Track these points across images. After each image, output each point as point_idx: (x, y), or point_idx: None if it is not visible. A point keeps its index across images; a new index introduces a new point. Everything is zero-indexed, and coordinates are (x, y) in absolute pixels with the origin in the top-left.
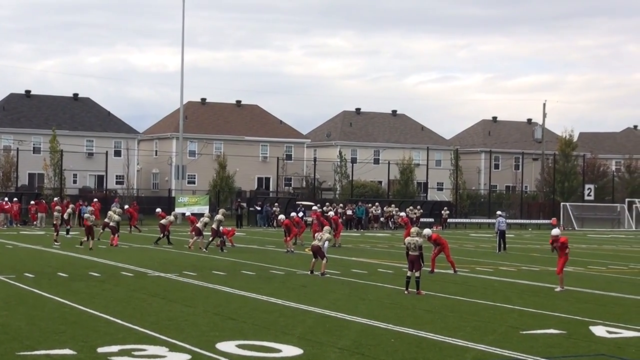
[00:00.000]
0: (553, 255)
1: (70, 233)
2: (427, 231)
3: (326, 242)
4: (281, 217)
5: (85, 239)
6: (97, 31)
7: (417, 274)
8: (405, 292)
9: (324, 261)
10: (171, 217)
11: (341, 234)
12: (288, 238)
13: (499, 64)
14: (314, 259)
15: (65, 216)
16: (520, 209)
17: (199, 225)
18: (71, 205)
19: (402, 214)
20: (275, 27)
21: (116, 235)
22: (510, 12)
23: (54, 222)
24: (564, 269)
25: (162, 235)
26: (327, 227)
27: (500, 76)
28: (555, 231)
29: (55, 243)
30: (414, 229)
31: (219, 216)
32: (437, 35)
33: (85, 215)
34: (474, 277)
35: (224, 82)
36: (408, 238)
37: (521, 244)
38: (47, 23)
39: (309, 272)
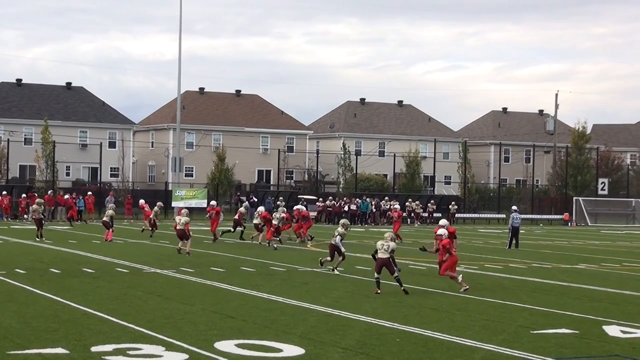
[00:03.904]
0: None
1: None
2: (442, 232)
3: (338, 237)
4: (260, 209)
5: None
6: (90, 17)
7: (395, 275)
8: (378, 291)
9: (341, 258)
10: (156, 209)
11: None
12: (267, 232)
13: (509, 52)
14: (328, 258)
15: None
16: (531, 204)
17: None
18: (38, 200)
19: (397, 206)
20: (275, 13)
21: (110, 230)
22: None
23: (33, 217)
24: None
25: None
26: (342, 221)
27: (510, 65)
28: (441, 231)
29: (40, 238)
30: (388, 234)
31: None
32: (445, 22)
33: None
34: (483, 275)
35: (223, 71)
36: (380, 241)
37: (532, 240)
38: (38, 8)
39: (320, 264)
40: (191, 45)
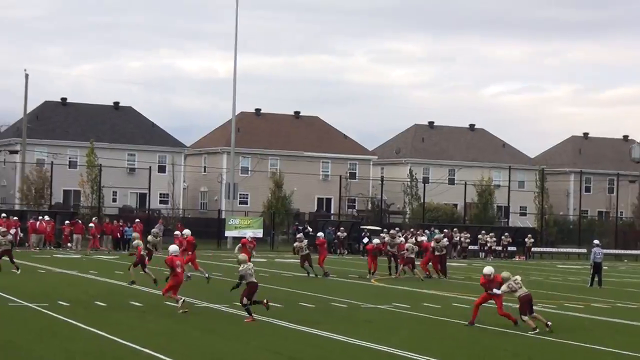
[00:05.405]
0: None
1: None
2: (488, 269)
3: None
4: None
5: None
6: (139, 33)
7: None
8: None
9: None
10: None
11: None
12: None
13: (590, 73)
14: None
15: None
16: (615, 238)
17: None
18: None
19: (423, 237)
20: (337, 29)
21: (147, 258)
22: (603, 16)
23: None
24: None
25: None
26: (504, 274)
27: (592, 87)
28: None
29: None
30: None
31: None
32: (521, 40)
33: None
34: (562, 315)
35: (281, 90)
36: (244, 265)
37: (616, 278)
38: (85, 24)
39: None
40: (246, 63)
